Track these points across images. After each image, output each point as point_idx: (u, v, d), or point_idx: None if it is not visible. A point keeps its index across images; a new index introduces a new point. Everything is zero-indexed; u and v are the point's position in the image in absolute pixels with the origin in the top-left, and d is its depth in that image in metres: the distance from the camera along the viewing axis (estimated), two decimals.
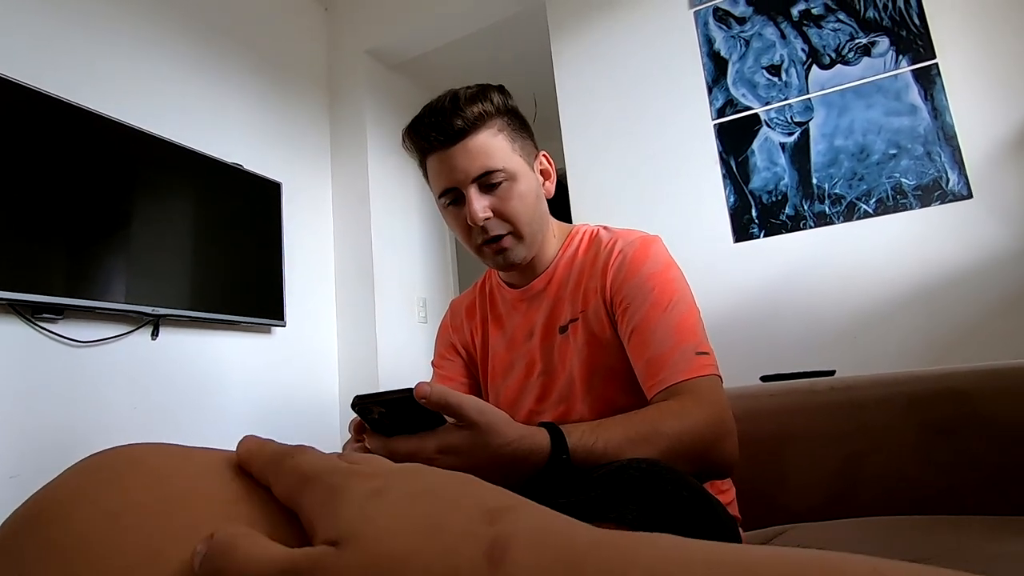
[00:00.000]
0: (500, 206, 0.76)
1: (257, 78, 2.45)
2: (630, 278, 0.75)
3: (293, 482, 0.21)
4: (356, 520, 0.17)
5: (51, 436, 1.55)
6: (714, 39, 2.10)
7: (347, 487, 0.19)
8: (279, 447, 0.23)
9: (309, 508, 0.20)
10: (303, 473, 0.21)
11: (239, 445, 0.24)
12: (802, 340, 1.82)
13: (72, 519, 0.20)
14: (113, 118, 1.78)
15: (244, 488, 0.22)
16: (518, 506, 0.17)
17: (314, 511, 0.20)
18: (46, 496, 0.22)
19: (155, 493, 0.21)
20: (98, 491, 0.21)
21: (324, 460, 0.22)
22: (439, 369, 0.93)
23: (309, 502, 0.20)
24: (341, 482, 0.20)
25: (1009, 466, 0.82)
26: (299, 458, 0.22)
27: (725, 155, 2.03)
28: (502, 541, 0.15)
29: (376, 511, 0.17)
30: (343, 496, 0.19)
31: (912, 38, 1.81)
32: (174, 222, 1.94)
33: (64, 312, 1.61)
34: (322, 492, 0.20)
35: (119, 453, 0.23)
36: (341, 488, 0.19)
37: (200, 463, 0.23)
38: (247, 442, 0.24)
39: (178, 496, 0.21)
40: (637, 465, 0.47)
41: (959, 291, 1.67)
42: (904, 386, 0.93)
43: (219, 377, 2.06)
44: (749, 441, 0.90)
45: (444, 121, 0.73)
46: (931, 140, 1.76)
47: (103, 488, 0.21)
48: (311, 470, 0.21)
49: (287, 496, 0.21)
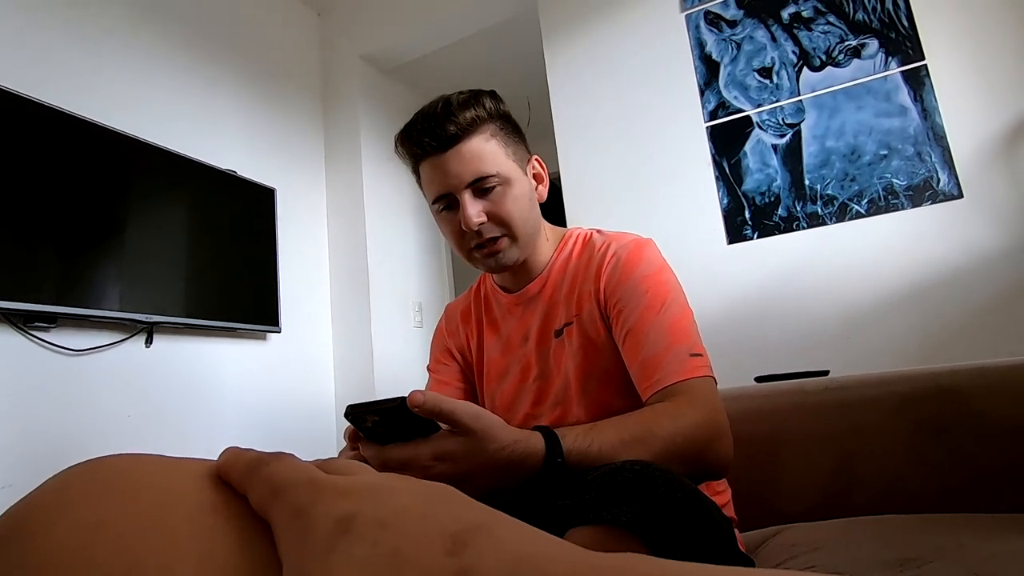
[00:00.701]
0: (494, 210, 0.76)
1: (251, 84, 2.45)
2: (624, 281, 0.75)
3: (265, 493, 0.21)
4: (319, 563, 0.17)
5: (45, 446, 1.54)
6: (705, 42, 2.11)
7: (313, 511, 0.19)
8: (256, 456, 0.23)
9: (277, 524, 0.20)
10: (274, 484, 0.21)
11: (220, 455, 0.24)
12: (796, 340, 1.83)
13: (50, 532, 0.20)
14: (105, 125, 1.77)
15: (223, 498, 0.22)
16: (489, 525, 0.17)
17: (282, 532, 0.19)
18: (24, 509, 0.21)
19: (134, 505, 0.21)
20: (76, 503, 0.21)
21: (296, 472, 0.21)
22: (435, 374, 0.93)
23: (278, 517, 0.20)
24: (307, 502, 0.19)
25: (1001, 464, 0.83)
26: (273, 466, 0.22)
27: (718, 157, 2.05)
28: (469, 573, 0.15)
29: (341, 553, 0.17)
30: (308, 524, 0.19)
31: (901, 40, 1.83)
32: (168, 229, 1.93)
33: (57, 320, 1.60)
34: (289, 509, 0.20)
35: (99, 464, 0.23)
36: (306, 510, 0.19)
37: (181, 473, 0.23)
38: (227, 452, 0.24)
39: (157, 507, 0.21)
40: (631, 467, 0.47)
41: (950, 290, 1.69)
42: (896, 385, 0.93)
43: (214, 384, 2.05)
44: (743, 442, 0.91)
45: (437, 127, 0.73)
46: (921, 141, 1.77)
47: (81, 500, 0.21)
48: (282, 482, 0.21)
49: (259, 507, 0.21)
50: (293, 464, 0.22)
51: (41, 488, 0.22)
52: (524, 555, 0.15)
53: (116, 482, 0.22)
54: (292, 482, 0.21)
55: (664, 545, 0.43)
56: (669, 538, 0.43)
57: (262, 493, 0.21)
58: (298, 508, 0.19)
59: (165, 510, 0.21)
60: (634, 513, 0.43)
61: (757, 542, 0.81)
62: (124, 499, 0.21)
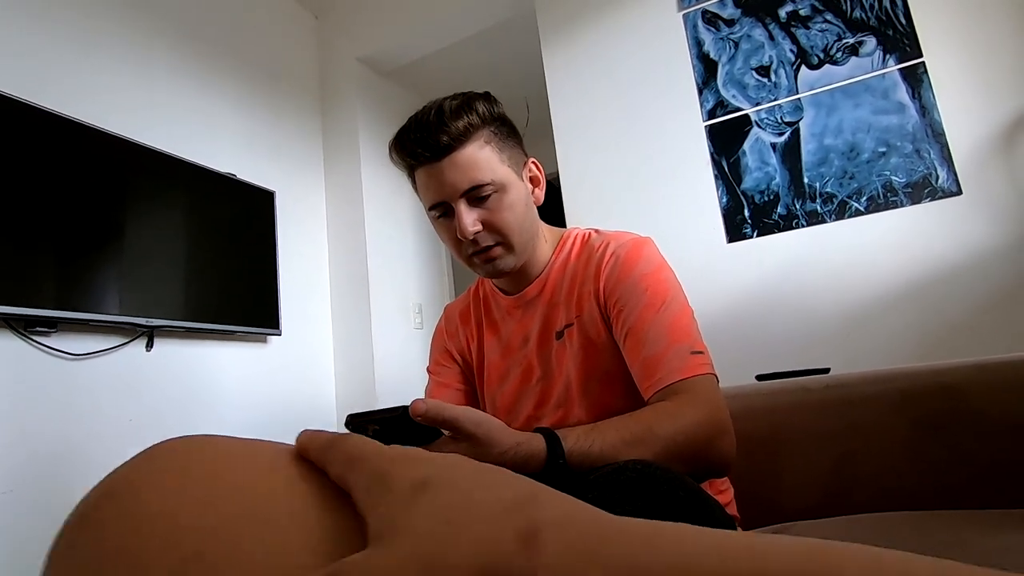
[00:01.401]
0: (490, 218, 0.75)
1: (249, 87, 2.45)
2: (623, 280, 0.75)
3: (344, 463, 0.23)
4: (401, 513, 0.19)
5: (46, 451, 1.54)
6: (703, 41, 2.11)
7: (391, 474, 0.21)
8: (331, 434, 0.26)
9: (357, 489, 0.22)
10: (351, 455, 0.23)
11: (298, 436, 0.27)
12: (797, 338, 1.83)
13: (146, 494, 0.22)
14: (104, 130, 1.77)
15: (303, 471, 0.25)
16: (543, 493, 0.19)
17: (363, 494, 0.22)
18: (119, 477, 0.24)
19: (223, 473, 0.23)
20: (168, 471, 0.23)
21: (367, 445, 0.24)
22: (435, 376, 0.93)
23: (356, 483, 0.22)
24: (386, 467, 0.22)
25: (1001, 460, 0.83)
26: (349, 441, 0.24)
27: (717, 156, 2.05)
28: (532, 525, 0.16)
29: (420, 506, 0.19)
30: (388, 483, 0.21)
31: (899, 37, 1.83)
32: (167, 233, 1.93)
33: (57, 325, 1.60)
34: (368, 475, 0.22)
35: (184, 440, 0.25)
36: (386, 474, 0.21)
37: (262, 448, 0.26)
38: (305, 432, 0.26)
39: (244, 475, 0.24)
40: (633, 467, 0.47)
41: (950, 286, 1.69)
42: (896, 382, 0.93)
43: (215, 387, 2.06)
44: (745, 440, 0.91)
45: (429, 137, 0.73)
46: (920, 138, 1.77)
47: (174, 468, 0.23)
48: (358, 452, 0.23)
49: (338, 477, 0.23)
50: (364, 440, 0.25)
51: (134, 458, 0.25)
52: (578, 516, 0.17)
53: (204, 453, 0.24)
54: (367, 453, 0.23)
55: None
56: None
57: (341, 463, 0.23)
58: (377, 472, 0.22)
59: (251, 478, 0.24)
60: (636, 513, 0.43)
61: None
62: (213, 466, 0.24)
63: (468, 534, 0.17)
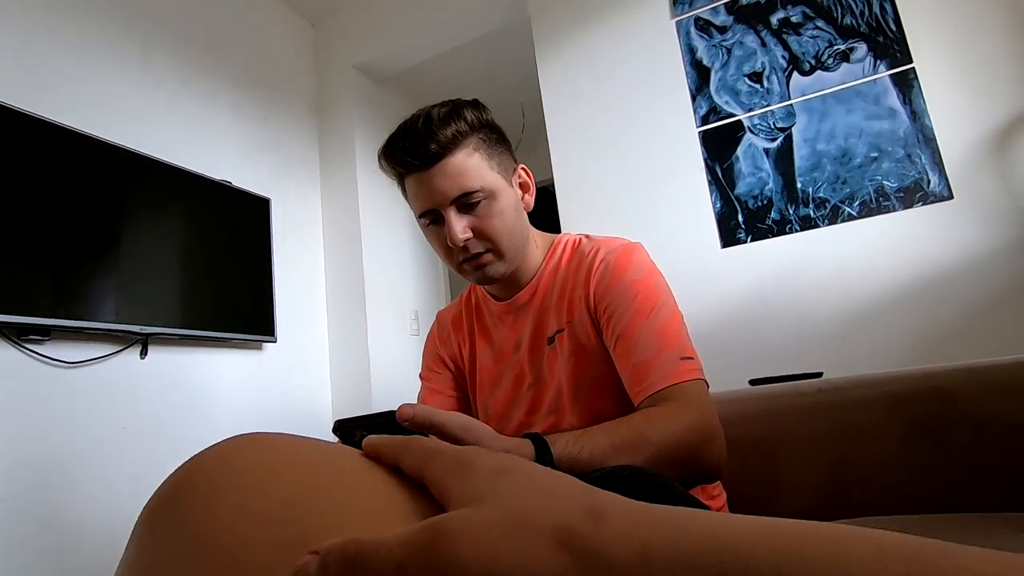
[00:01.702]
0: (479, 225, 0.75)
1: (245, 95, 2.46)
2: (613, 286, 0.75)
3: (421, 456, 0.25)
4: (487, 487, 0.21)
5: (39, 460, 1.53)
6: (696, 48, 2.13)
7: (474, 461, 0.23)
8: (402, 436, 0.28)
9: (438, 476, 0.24)
10: (430, 449, 0.25)
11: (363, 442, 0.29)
12: (790, 343, 1.83)
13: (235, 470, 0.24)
14: (99, 137, 1.77)
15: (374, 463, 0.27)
16: (597, 488, 0.21)
17: (444, 478, 0.23)
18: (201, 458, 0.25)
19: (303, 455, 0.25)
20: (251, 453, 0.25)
21: (444, 443, 0.26)
22: (427, 382, 0.92)
23: (437, 471, 0.24)
24: (468, 456, 0.24)
25: (994, 462, 0.83)
26: (423, 440, 0.27)
27: (710, 162, 2.06)
28: (600, 504, 0.19)
29: (503, 482, 0.21)
30: (472, 467, 0.23)
31: (889, 43, 1.85)
32: (162, 240, 1.93)
33: (51, 333, 1.59)
34: (450, 462, 0.24)
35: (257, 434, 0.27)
36: (468, 461, 0.23)
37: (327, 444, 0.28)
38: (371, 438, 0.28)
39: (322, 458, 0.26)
40: (621, 472, 0.47)
41: (942, 290, 1.69)
42: (890, 386, 0.94)
43: (210, 395, 2.05)
44: (739, 445, 0.91)
45: (419, 146, 0.73)
46: (911, 143, 1.78)
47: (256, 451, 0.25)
48: (437, 447, 0.25)
49: (415, 468, 0.25)
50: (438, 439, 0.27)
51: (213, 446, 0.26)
52: (628, 501, 0.20)
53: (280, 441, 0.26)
54: (447, 447, 0.25)
55: None
56: None
57: (418, 456, 0.25)
58: (459, 460, 0.24)
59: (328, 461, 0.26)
60: None
61: None
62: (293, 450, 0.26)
63: (548, 505, 0.20)
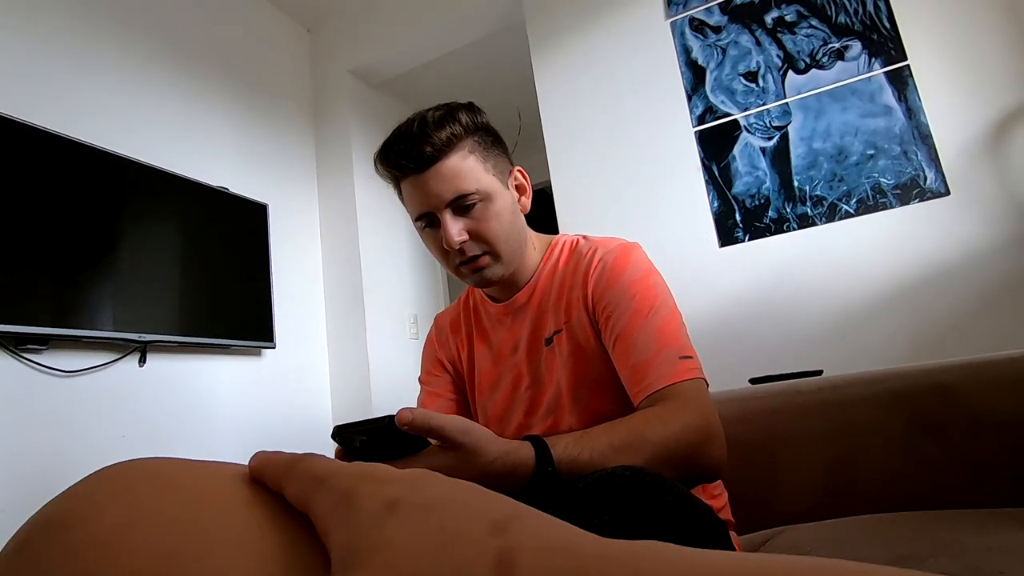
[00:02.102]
0: (476, 227, 0.75)
1: (241, 101, 2.46)
2: (612, 286, 0.75)
3: (305, 484, 0.22)
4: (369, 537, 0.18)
5: (38, 469, 1.52)
6: (691, 48, 2.13)
7: (359, 493, 0.20)
8: (290, 455, 0.24)
9: (321, 510, 0.20)
10: (314, 475, 0.22)
11: (251, 459, 0.25)
12: (790, 341, 1.83)
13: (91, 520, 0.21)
14: (96, 146, 1.77)
15: (256, 494, 0.23)
16: (523, 515, 0.18)
17: (326, 516, 0.20)
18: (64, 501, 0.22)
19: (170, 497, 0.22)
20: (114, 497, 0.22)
21: (332, 464, 0.22)
22: (427, 386, 0.92)
23: (320, 505, 0.21)
24: (352, 486, 0.20)
25: (994, 458, 0.83)
26: (310, 461, 0.23)
27: (707, 161, 2.06)
28: (509, 552, 0.15)
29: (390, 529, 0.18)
30: (355, 504, 0.19)
31: (883, 41, 1.85)
32: (160, 248, 1.93)
33: (49, 342, 1.59)
34: (334, 495, 0.20)
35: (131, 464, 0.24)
36: (353, 493, 0.20)
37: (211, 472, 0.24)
38: (259, 455, 0.25)
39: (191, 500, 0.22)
40: (621, 473, 0.47)
41: (940, 286, 1.70)
42: (889, 383, 0.94)
43: (209, 402, 2.04)
44: (739, 444, 0.91)
45: (413, 149, 0.73)
46: (907, 140, 1.79)
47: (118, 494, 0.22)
48: (323, 472, 0.22)
49: (299, 498, 0.22)
50: (327, 459, 0.23)
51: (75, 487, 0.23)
52: (559, 539, 0.16)
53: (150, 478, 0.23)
54: (333, 472, 0.22)
55: None
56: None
57: (302, 484, 0.22)
58: (344, 492, 0.20)
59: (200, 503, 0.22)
60: (625, 520, 0.43)
61: (756, 544, 0.81)
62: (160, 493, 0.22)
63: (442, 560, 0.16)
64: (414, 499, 0.19)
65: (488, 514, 0.18)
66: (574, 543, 0.16)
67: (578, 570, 0.15)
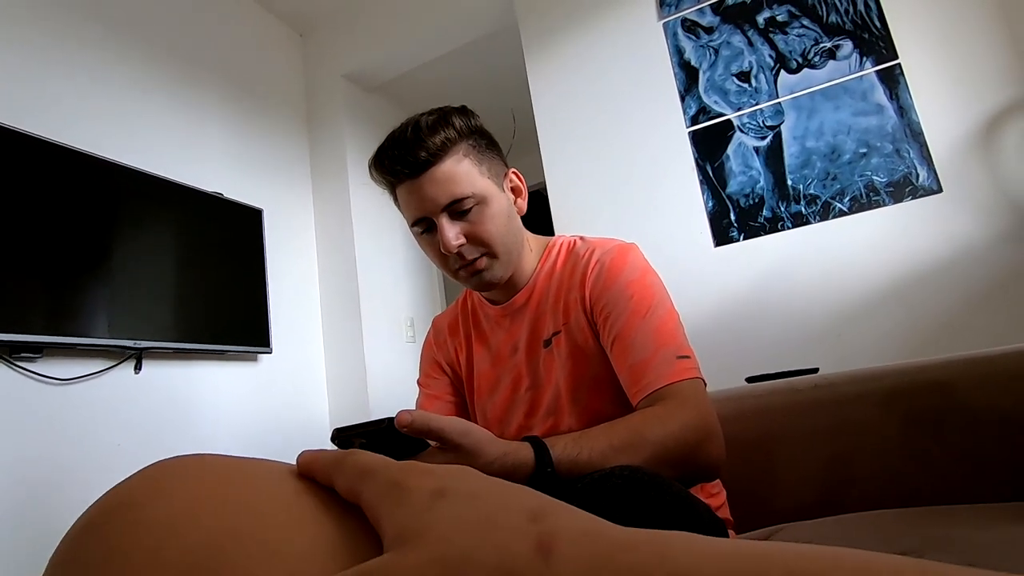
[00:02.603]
0: (472, 231, 0.75)
1: (234, 106, 2.46)
2: (609, 287, 0.75)
3: (354, 476, 0.23)
4: (420, 519, 0.19)
5: (34, 478, 1.51)
6: (684, 49, 2.14)
7: (408, 483, 0.21)
8: (337, 451, 0.26)
9: (371, 500, 0.22)
10: (363, 468, 0.23)
11: (299, 456, 0.26)
12: (786, 340, 1.84)
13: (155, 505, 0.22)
14: (89, 152, 1.76)
15: (306, 485, 0.25)
16: (556, 506, 0.19)
17: (377, 503, 0.21)
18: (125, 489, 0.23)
19: (228, 485, 0.23)
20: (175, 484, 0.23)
21: (379, 458, 0.24)
22: (425, 388, 0.92)
23: (371, 494, 0.22)
24: (401, 477, 0.22)
25: (991, 453, 0.84)
26: (358, 456, 0.24)
27: (701, 161, 2.07)
28: (548, 536, 0.17)
29: (439, 512, 0.19)
30: (405, 492, 0.21)
31: (874, 40, 1.87)
32: (154, 254, 1.92)
33: (43, 351, 1.58)
34: (383, 485, 0.22)
35: (182, 459, 0.25)
36: (402, 483, 0.21)
37: (262, 466, 0.26)
38: (306, 452, 0.26)
39: (249, 488, 0.23)
40: (620, 473, 0.47)
41: (934, 283, 1.71)
42: (885, 380, 0.94)
43: (206, 408, 2.03)
44: (736, 443, 0.91)
45: (407, 154, 0.73)
46: (899, 137, 1.80)
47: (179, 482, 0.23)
48: (371, 465, 0.23)
49: (349, 490, 0.23)
50: (373, 455, 0.24)
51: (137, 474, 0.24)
52: (590, 528, 0.17)
53: (205, 469, 0.24)
54: (381, 465, 0.23)
55: None
56: None
57: (352, 476, 0.23)
58: (393, 482, 0.22)
59: (256, 490, 0.24)
60: (623, 520, 0.43)
61: None
62: (218, 480, 0.23)
63: (488, 540, 0.17)
64: (459, 488, 0.20)
65: (526, 503, 0.19)
66: (605, 530, 0.17)
67: (610, 553, 0.16)
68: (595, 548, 0.16)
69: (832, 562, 0.14)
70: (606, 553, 0.16)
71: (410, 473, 0.22)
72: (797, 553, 0.14)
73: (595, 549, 0.16)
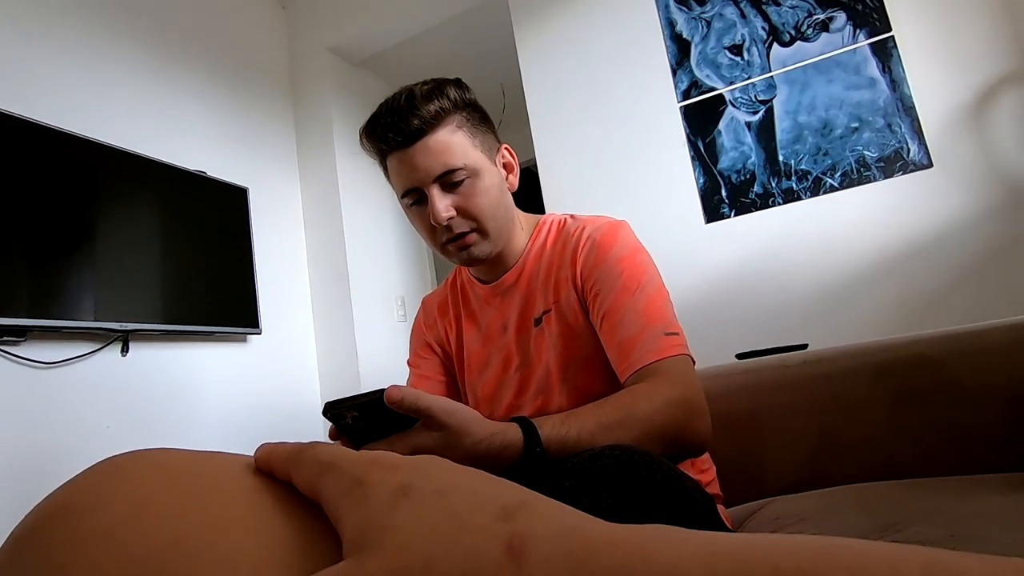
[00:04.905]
0: (463, 203, 0.74)
1: (216, 81, 2.39)
2: (599, 264, 0.75)
3: (314, 471, 0.22)
4: (382, 521, 0.18)
5: (20, 464, 1.50)
6: (675, 21, 2.10)
7: (370, 478, 0.20)
8: (296, 444, 0.24)
9: (331, 497, 0.20)
10: (323, 461, 0.22)
11: (256, 450, 0.25)
12: (776, 316, 1.85)
13: (96, 512, 0.20)
14: (69, 131, 1.71)
15: (263, 482, 0.23)
16: (532, 501, 0.18)
17: (337, 501, 0.20)
18: (66, 494, 0.22)
19: (177, 488, 0.22)
20: (119, 488, 0.21)
21: (341, 450, 0.22)
22: (416, 368, 0.92)
23: (331, 491, 0.21)
24: (363, 472, 0.20)
25: (977, 426, 0.85)
26: (318, 448, 0.23)
27: (692, 137, 2.05)
28: (519, 538, 0.16)
29: (402, 513, 0.18)
30: (366, 489, 0.19)
31: (868, 12, 1.84)
32: (139, 235, 1.89)
33: (27, 334, 1.55)
34: (344, 480, 0.20)
35: (133, 456, 0.24)
36: (363, 478, 0.20)
37: (215, 462, 0.24)
38: (264, 446, 0.25)
39: (200, 489, 0.22)
40: (610, 452, 0.47)
41: (924, 258, 1.71)
42: (873, 355, 0.95)
43: (194, 390, 2.02)
44: (727, 418, 0.91)
45: (401, 121, 0.72)
46: (891, 112, 1.79)
47: (124, 485, 0.22)
48: (332, 459, 0.22)
49: (308, 485, 0.22)
50: (334, 446, 0.23)
51: (79, 476, 0.23)
52: (567, 525, 0.16)
53: (155, 468, 0.23)
54: (342, 458, 0.22)
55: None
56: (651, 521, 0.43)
57: (311, 471, 0.22)
58: (355, 477, 0.20)
59: (207, 491, 0.22)
60: (614, 499, 0.43)
61: (743, 517, 0.82)
62: (166, 482, 0.22)
63: (453, 545, 0.16)
64: (424, 485, 0.19)
65: (497, 500, 0.18)
66: (582, 528, 0.16)
67: (587, 554, 0.15)
68: (571, 548, 0.15)
69: (824, 559, 0.13)
70: (583, 554, 0.15)
71: (373, 468, 0.20)
72: (786, 550, 0.14)
73: (571, 549, 0.15)
